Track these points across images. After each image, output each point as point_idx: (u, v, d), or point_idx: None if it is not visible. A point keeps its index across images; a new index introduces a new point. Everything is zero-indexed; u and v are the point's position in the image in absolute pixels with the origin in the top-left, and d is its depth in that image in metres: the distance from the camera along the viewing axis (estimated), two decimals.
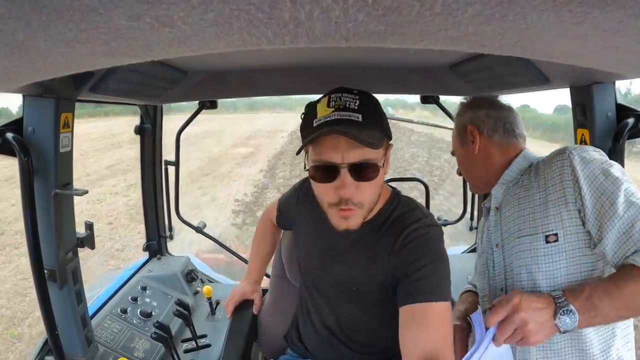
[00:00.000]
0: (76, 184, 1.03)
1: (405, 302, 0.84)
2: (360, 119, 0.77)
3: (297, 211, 1.11)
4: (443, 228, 0.98)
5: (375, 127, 0.79)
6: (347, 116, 0.77)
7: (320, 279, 1.05)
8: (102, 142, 14.97)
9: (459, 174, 1.21)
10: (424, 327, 0.80)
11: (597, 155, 0.90)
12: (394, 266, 0.89)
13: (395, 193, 0.98)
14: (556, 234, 0.90)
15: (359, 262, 0.94)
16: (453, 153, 1.21)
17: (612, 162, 0.90)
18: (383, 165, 0.82)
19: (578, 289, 0.83)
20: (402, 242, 0.88)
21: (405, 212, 0.93)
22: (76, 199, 1.05)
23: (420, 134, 17.42)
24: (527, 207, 0.96)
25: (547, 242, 0.91)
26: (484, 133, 1.07)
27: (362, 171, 0.79)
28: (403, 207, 0.94)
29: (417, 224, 0.89)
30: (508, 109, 1.10)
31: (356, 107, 0.78)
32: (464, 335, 1.05)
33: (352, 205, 0.81)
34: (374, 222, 0.93)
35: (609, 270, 0.87)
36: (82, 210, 7.60)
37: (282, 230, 1.27)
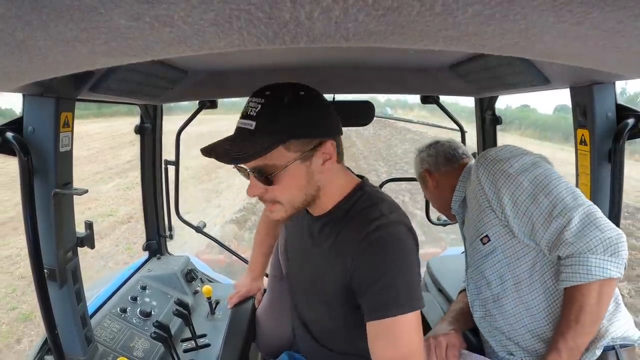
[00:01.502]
0: (102, 176, 1.04)
1: (369, 318, 0.82)
2: (253, 126, 0.78)
3: None
4: (444, 228, 0.98)
5: (265, 134, 0.78)
6: (243, 125, 0.80)
7: (297, 276, 1.05)
8: (114, 141, 15.71)
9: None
10: (388, 344, 0.79)
11: (503, 155, 0.99)
12: (353, 268, 0.84)
13: (359, 186, 0.91)
14: (487, 235, 1.02)
15: (322, 257, 0.92)
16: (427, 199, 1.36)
17: (516, 156, 0.98)
18: (282, 170, 0.80)
19: (553, 351, 0.90)
20: (362, 242, 0.82)
21: (367, 207, 0.87)
22: (110, 184, 1.06)
23: (416, 132, 18.64)
24: (469, 217, 1.10)
25: (483, 243, 1.03)
26: (432, 171, 1.23)
27: (261, 176, 0.81)
28: (366, 201, 0.88)
29: (378, 221, 0.82)
30: (445, 141, 1.27)
31: (255, 114, 0.79)
32: (456, 343, 1.09)
33: (267, 203, 0.86)
34: (333, 214, 0.90)
35: (543, 257, 0.95)
36: (116, 195, 8.64)
37: (281, 228, 1.27)
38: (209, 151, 0.81)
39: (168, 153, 1.77)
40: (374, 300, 0.81)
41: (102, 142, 15.40)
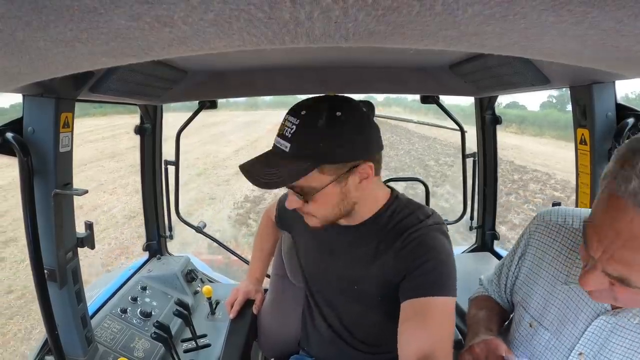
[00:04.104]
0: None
1: (404, 298, 0.84)
2: (287, 149, 0.79)
3: (294, 212, 1.10)
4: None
5: (299, 158, 0.79)
6: (278, 144, 0.82)
7: (321, 278, 1.05)
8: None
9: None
10: (421, 324, 0.79)
11: None
12: (393, 267, 0.89)
13: (394, 195, 0.96)
14: None
15: (359, 262, 0.94)
16: None
17: None
18: (317, 192, 0.83)
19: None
20: (402, 244, 0.89)
21: (406, 216, 0.92)
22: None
23: (410, 132, 20.99)
24: None
25: None
26: None
27: (298, 195, 0.85)
28: (403, 211, 0.93)
29: (417, 226, 0.90)
30: None
31: (289, 135, 0.79)
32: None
33: (303, 214, 0.91)
34: (372, 223, 0.94)
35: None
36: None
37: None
38: (246, 172, 0.84)
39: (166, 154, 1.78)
40: (408, 284, 0.85)
41: (130, 128, 17.71)
